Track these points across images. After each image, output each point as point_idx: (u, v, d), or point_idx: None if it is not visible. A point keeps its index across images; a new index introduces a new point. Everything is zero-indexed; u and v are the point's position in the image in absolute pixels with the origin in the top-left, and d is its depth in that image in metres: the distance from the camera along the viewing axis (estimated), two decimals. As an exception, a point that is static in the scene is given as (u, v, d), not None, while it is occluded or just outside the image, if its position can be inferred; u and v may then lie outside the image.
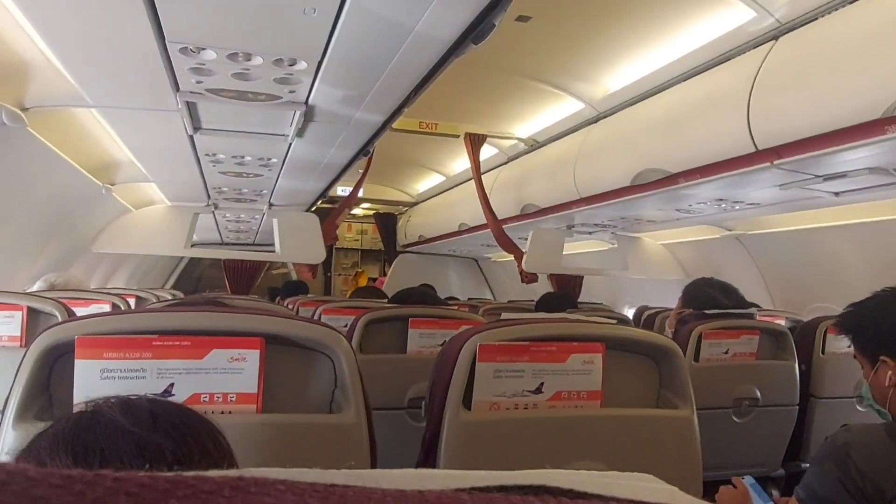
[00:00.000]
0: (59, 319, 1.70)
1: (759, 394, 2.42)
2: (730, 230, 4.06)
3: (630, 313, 4.72)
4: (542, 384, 1.14)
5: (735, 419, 2.40)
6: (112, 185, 3.07)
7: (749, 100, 2.35)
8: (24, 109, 1.83)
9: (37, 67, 1.76)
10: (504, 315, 1.24)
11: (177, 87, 1.66)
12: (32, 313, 1.73)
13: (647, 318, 3.67)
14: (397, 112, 1.91)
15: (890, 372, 1.27)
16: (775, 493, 2.55)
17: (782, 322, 3.11)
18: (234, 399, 1.00)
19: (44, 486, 0.13)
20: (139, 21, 1.29)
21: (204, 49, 1.42)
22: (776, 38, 2.39)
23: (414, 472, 0.19)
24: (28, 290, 2.63)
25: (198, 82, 1.61)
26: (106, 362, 0.95)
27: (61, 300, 1.78)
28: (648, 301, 4.50)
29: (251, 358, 1.01)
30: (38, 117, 1.93)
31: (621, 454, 1.16)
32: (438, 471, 0.21)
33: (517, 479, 0.18)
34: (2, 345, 1.70)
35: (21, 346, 1.67)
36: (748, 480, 1.47)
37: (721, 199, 3.18)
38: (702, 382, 2.29)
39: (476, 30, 1.39)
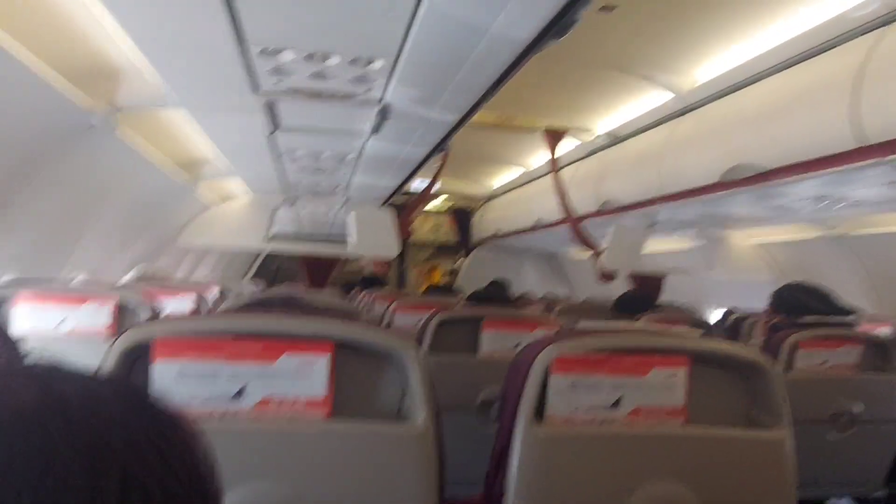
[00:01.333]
0: (146, 311, 1.78)
1: (860, 409, 2.23)
2: (831, 229, 3.78)
3: (717, 315, 4.50)
4: (620, 398, 1.08)
5: (832, 435, 2.23)
6: (197, 181, 3.21)
7: (856, 91, 2.16)
8: (115, 111, 1.93)
9: (126, 71, 1.84)
10: (581, 323, 1.18)
11: (257, 87, 1.69)
12: (122, 305, 1.82)
13: (733, 323, 3.48)
14: (474, 109, 1.88)
15: None
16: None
17: (888, 329, 2.88)
18: (302, 404, 1.00)
19: None
20: (221, 24, 1.32)
21: (283, 50, 1.43)
22: (887, 23, 2.19)
23: None
24: (120, 281, 2.79)
25: (277, 82, 1.64)
26: (182, 364, 0.96)
27: (150, 291, 1.86)
28: (736, 303, 4.26)
29: (321, 363, 1.00)
30: (128, 118, 2.02)
31: (706, 476, 1.08)
32: None
33: None
34: (92, 335, 1.79)
35: (112, 335, 1.76)
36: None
37: (821, 197, 2.96)
38: (795, 395, 2.11)
39: (557, 25, 1.33)
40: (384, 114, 1.87)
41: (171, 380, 0.95)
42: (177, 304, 2.44)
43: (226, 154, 2.62)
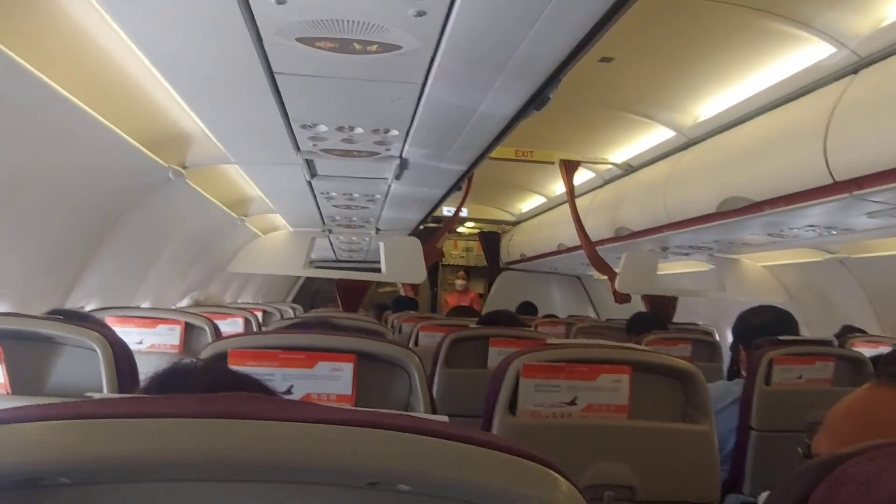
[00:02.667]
0: (206, 331, 2.16)
1: (835, 419, 2.44)
2: (832, 253, 3.97)
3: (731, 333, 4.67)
4: (575, 398, 1.39)
5: (808, 442, 2.44)
6: (245, 216, 3.63)
7: (826, 132, 2.40)
8: (184, 168, 2.34)
9: (193, 136, 2.25)
10: (551, 340, 1.50)
11: (298, 148, 2.08)
12: (188, 327, 2.21)
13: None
14: (479, 160, 2.22)
15: None
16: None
17: (887, 349, 3.05)
18: (335, 399, 1.35)
19: None
20: (270, 106, 1.70)
21: (318, 124, 1.81)
22: (855, 71, 2.43)
23: None
24: (177, 305, 3.20)
25: (314, 145, 2.02)
26: (248, 368, 1.32)
27: (206, 315, 2.24)
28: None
29: (347, 369, 1.35)
30: (193, 171, 2.43)
31: (645, 459, 1.38)
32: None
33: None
34: (164, 351, 2.17)
35: (179, 352, 2.14)
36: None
37: (813, 226, 3.17)
38: (773, 405, 2.38)
39: (534, 101, 1.67)
40: (403, 165, 2.24)
41: (238, 380, 1.30)
42: (228, 326, 2.83)
43: (269, 196, 3.02)
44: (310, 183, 2.55)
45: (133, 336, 2.19)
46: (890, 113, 2.14)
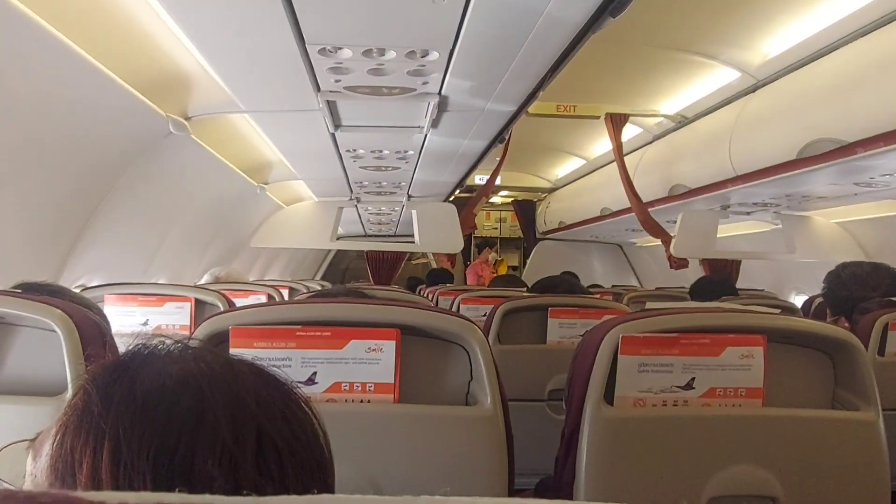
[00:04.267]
0: (221, 309, 1.86)
1: (964, 394, 2.07)
2: (924, 205, 3.54)
3: (798, 301, 4.28)
4: (693, 379, 1.05)
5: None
6: (266, 184, 3.32)
7: (947, 50, 2.02)
8: (187, 119, 2.02)
9: (197, 79, 1.93)
10: (649, 304, 1.15)
11: (318, 88, 1.74)
12: (199, 304, 1.91)
13: (818, 308, 3.30)
14: (531, 98, 1.86)
15: None
16: None
17: None
18: (372, 388, 1.02)
19: None
20: (281, 27, 1.36)
21: (341, 48, 1.46)
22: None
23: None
24: (196, 283, 2.92)
25: (336, 81, 1.67)
26: (256, 351, 1.00)
27: (223, 292, 1.94)
28: (820, 288, 4.03)
29: (388, 348, 1.02)
30: (200, 125, 2.11)
31: (788, 460, 1.03)
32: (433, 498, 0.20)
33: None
34: (174, 332, 1.89)
35: (189, 333, 1.84)
36: None
37: (911, 170, 2.78)
38: (888, 379, 2.01)
39: (613, 2, 1.30)
40: (442, 107, 1.88)
41: (246, 367, 0.98)
42: (249, 303, 2.53)
43: (289, 156, 2.69)
44: (334, 136, 2.21)
45: (137, 316, 1.91)
46: None
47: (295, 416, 0.49)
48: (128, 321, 1.86)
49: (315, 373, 1.01)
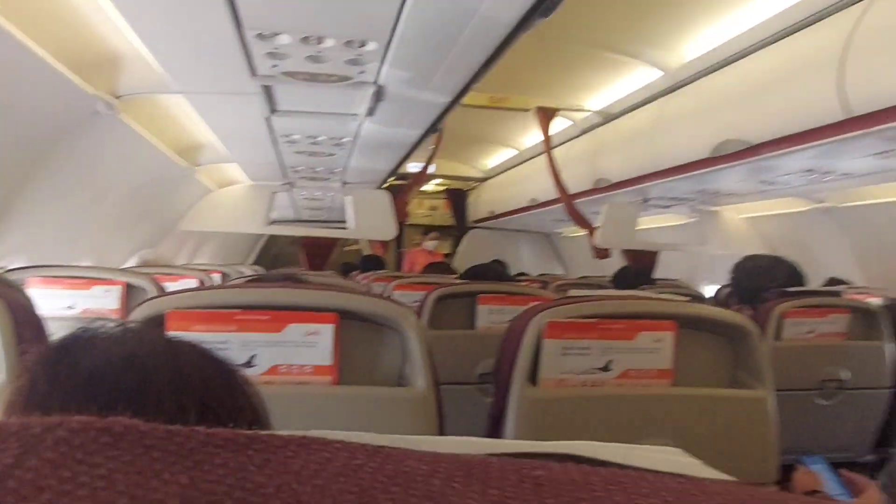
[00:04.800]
0: (152, 293, 1.83)
1: (847, 376, 2.30)
2: (819, 202, 3.84)
3: (710, 290, 4.57)
4: (610, 361, 1.14)
5: (820, 402, 2.30)
6: (197, 166, 3.24)
7: (843, 63, 2.21)
8: (116, 98, 1.96)
9: (127, 57, 1.87)
10: (572, 292, 1.24)
11: (254, 72, 1.73)
12: (129, 288, 1.87)
13: (726, 298, 3.54)
14: (465, 90, 1.91)
15: None
16: (859, 475, 2.44)
17: (877, 300, 2.94)
18: (310, 371, 1.06)
19: (152, 437, 0.15)
20: (219, 9, 1.35)
21: (279, 34, 1.47)
22: (874, -6, 2.23)
23: (454, 439, 0.21)
24: (123, 266, 2.83)
25: (273, 66, 1.67)
26: (194, 334, 1.02)
27: (153, 276, 1.91)
28: (728, 279, 4.32)
29: (325, 332, 1.06)
30: (129, 104, 2.05)
31: (692, 434, 1.14)
32: (477, 439, 0.22)
33: (546, 448, 0.20)
34: (102, 317, 1.84)
35: (120, 318, 1.80)
36: (816, 463, 1.44)
37: (810, 171, 3.02)
38: (784, 363, 2.21)
39: (543, 3, 1.37)
40: (378, 96, 1.91)
41: (184, 350, 1.00)
42: (179, 289, 2.49)
43: (223, 139, 2.65)
44: (269, 121, 2.19)
45: (63, 299, 1.85)
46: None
47: (237, 391, 0.51)
48: (53, 304, 1.80)
49: (254, 356, 1.04)
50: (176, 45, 1.58)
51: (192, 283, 2.50)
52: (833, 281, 3.53)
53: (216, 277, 2.92)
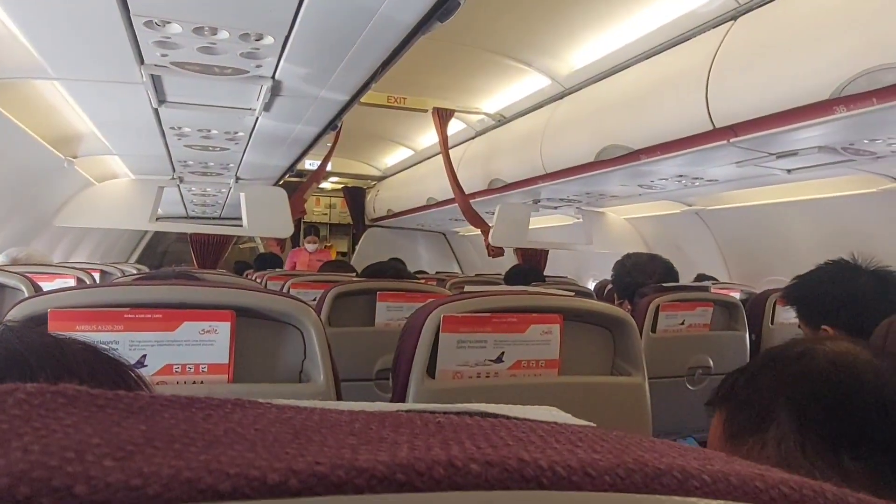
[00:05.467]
0: (24, 293, 1.70)
1: (711, 363, 2.53)
2: (690, 206, 4.18)
3: (591, 285, 4.85)
4: (502, 353, 1.20)
5: (689, 387, 2.51)
6: (74, 157, 3.02)
7: (707, 79, 2.42)
8: (-20, 81, 1.80)
9: (-6, 37, 1.72)
10: (467, 288, 1.29)
11: (141, 60, 1.65)
12: (-1, 287, 1.73)
13: (609, 293, 3.78)
14: (364, 89, 1.93)
15: None
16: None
17: (737, 294, 3.24)
18: (205, 369, 1.04)
19: (103, 399, 0.17)
20: (103, -7, 1.29)
21: (169, 22, 1.42)
22: (735, 18, 2.46)
23: (368, 403, 0.24)
24: (-10, 265, 2.59)
25: (163, 55, 1.61)
26: (78, 335, 0.97)
27: (26, 275, 1.77)
28: (610, 275, 4.61)
29: (222, 330, 1.04)
30: (-2, 89, 1.89)
31: (577, 418, 1.23)
32: (388, 403, 0.26)
33: (445, 408, 0.23)
34: (-33, 319, 1.69)
35: (-13, 320, 1.66)
36: (688, 443, 1.59)
37: (681, 176, 3.28)
38: (658, 352, 2.40)
39: (442, 8, 1.41)
40: (275, 91, 1.88)
41: (68, 351, 0.95)
42: (55, 288, 2.31)
43: (104, 130, 2.49)
44: (157, 112, 2.10)
45: (-87, 301, 1.68)
46: (765, 60, 2.18)
47: (128, 386, 0.50)
48: None
49: (144, 355, 1.01)
50: (53, 28, 1.48)
51: (70, 282, 2.34)
52: (701, 277, 3.87)
53: (96, 276, 2.73)
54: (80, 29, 1.47)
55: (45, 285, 1.92)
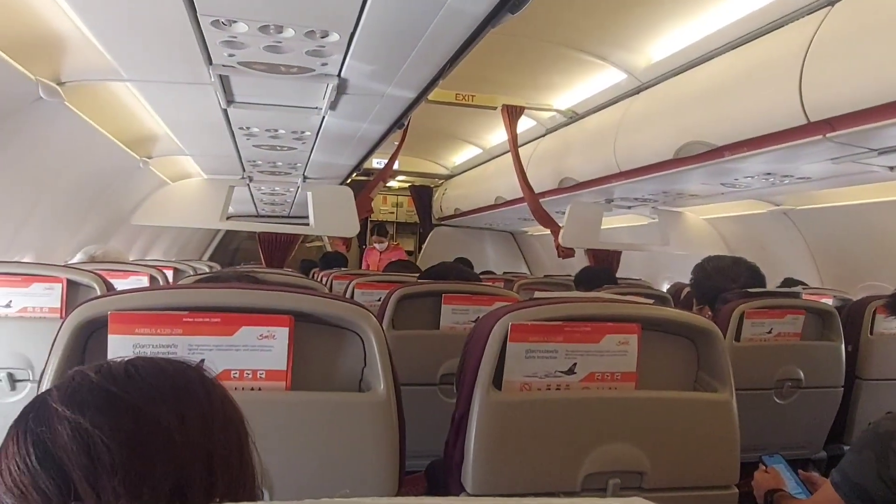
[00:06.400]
0: (98, 292, 1.74)
1: (802, 375, 2.34)
2: (777, 205, 3.92)
3: (666, 289, 4.63)
4: (574, 364, 1.12)
5: (777, 400, 2.33)
6: (150, 158, 3.12)
7: (801, 69, 2.23)
8: (60, 84, 1.85)
9: (72, 42, 1.77)
10: (538, 294, 1.21)
11: (210, 61, 1.65)
12: (72, 286, 1.77)
13: (686, 296, 3.59)
14: (431, 85, 1.87)
15: None
16: (816, 474, 2.49)
17: (829, 301, 3.00)
18: (263, 376, 1.00)
19: None
20: (171, -7, 1.28)
21: (236, 21, 1.40)
22: (832, 3, 2.26)
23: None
24: (68, 262, 2.70)
25: (230, 55, 1.60)
26: (138, 338, 0.95)
27: (100, 272, 1.81)
28: (689, 279, 4.38)
29: (280, 335, 1.00)
30: (75, 92, 1.95)
31: (656, 437, 1.12)
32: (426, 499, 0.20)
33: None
34: (42, 316, 1.74)
35: (61, 317, 1.71)
36: (776, 462, 1.45)
37: (769, 174, 3.07)
38: (743, 363, 2.23)
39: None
40: (341, 89, 1.85)
41: (126, 354, 0.93)
42: (129, 286, 2.38)
43: (176, 131, 2.55)
44: (226, 112, 2.11)
45: (-1, 297, 1.74)
46: (866, 48, 1.98)
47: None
48: (-15, 303, 1.70)
49: (202, 360, 0.98)
50: (124, 30, 1.50)
51: (143, 280, 2.40)
52: (788, 281, 3.61)
53: (168, 274, 2.81)
54: (149, 30, 1.48)
55: (119, 283, 1.97)
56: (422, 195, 8.08)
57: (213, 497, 0.51)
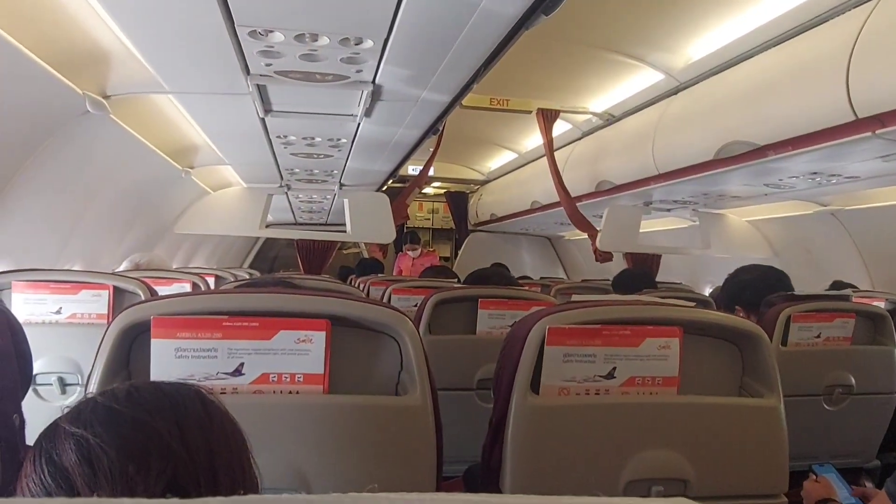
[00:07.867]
0: (141, 297, 1.78)
1: (853, 381, 2.25)
2: (824, 206, 3.79)
3: (709, 293, 4.52)
4: (614, 369, 1.09)
5: (826, 407, 2.25)
6: (191, 168, 3.20)
7: (849, 65, 2.16)
8: (106, 97, 1.92)
9: (116, 56, 1.83)
10: (575, 297, 1.19)
11: (247, 71, 1.69)
12: (118, 292, 1.82)
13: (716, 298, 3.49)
14: (465, 90, 1.87)
15: None
16: (869, 484, 2.38)
17: (882, 304, 2.89)
18: (301, 379, 1.01)
19: None
20: (209, 5, 1.31)
21: (272, 31, 1.43)
22: (880, -6, 2.19)
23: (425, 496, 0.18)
24: (114, 270, 2.79)
25: (267, 65, 1.63)
26: (180, 342, 0.97)
27: (144, 280, 1.86)
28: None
29: (317, 339, 1.01)
30: (120, 104, 2.01)
31: (699, 444, 1.09)
32: (449, 495, 0.19)
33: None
34: (91, 322, 1.80)
35: (108, 323, 1.76)
36: (827, 472, 1.40)
37: (815, 173, 2.97)
38: (790, 368, 2.15)
39: (546, 1, 1.32)
40: (376, 95, 1.87)
41: (169, 357, 0.96)
42: (173, 292, 2.44)
43: (216, 140, 2.60)
44: (263, 121, 2.15)
45: (49, 304, 1.80)
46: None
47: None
48: (38, 310, 1.76)
49: (242, 363, 0.99)
50: (165, 43, 1.54)
51: (186, 286, 2.46)
52: (838, 284, 3.49)
53: (210, 281, 2.87)
54: (189, 42, 1.52)
55: (163, 289, 2.01)
56: (457, 201, 8.09)
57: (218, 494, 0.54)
